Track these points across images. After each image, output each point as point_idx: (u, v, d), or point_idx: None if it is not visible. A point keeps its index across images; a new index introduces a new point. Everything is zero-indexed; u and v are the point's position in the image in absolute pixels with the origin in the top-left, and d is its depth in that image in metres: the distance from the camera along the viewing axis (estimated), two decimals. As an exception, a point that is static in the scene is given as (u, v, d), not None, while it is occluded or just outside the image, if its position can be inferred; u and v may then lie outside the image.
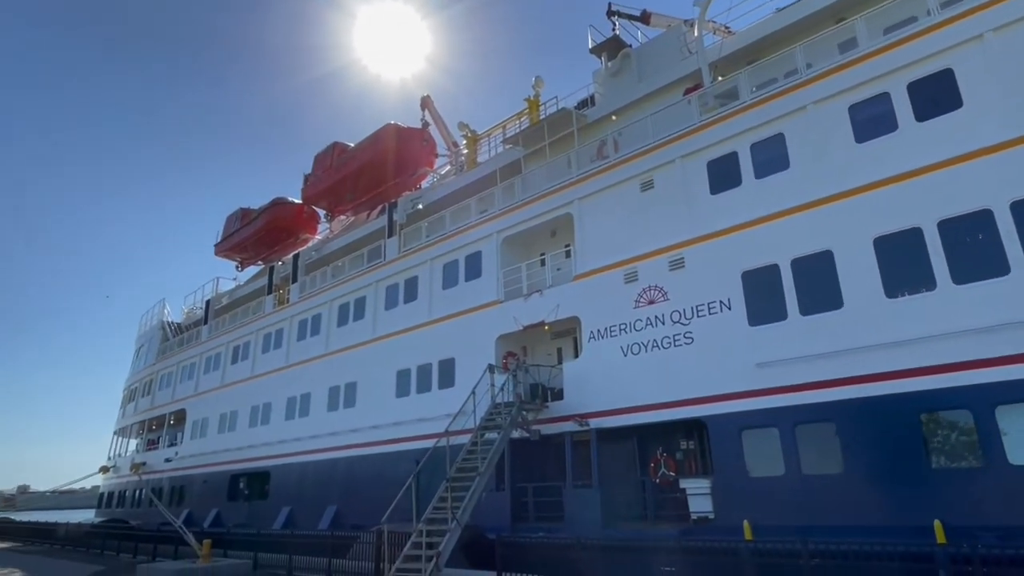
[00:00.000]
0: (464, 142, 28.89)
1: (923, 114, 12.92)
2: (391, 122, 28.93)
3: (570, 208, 18.79)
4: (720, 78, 17.40)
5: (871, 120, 13.58)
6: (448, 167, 30.48)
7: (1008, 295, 11.20)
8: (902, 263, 12.47)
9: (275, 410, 27.62)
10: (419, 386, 21.36)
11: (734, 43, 18.34)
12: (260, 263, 36.66)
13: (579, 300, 17.69)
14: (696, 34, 18.36)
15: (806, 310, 13.50)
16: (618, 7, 22.88)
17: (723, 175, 15.63)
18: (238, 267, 38.44)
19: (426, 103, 31.21)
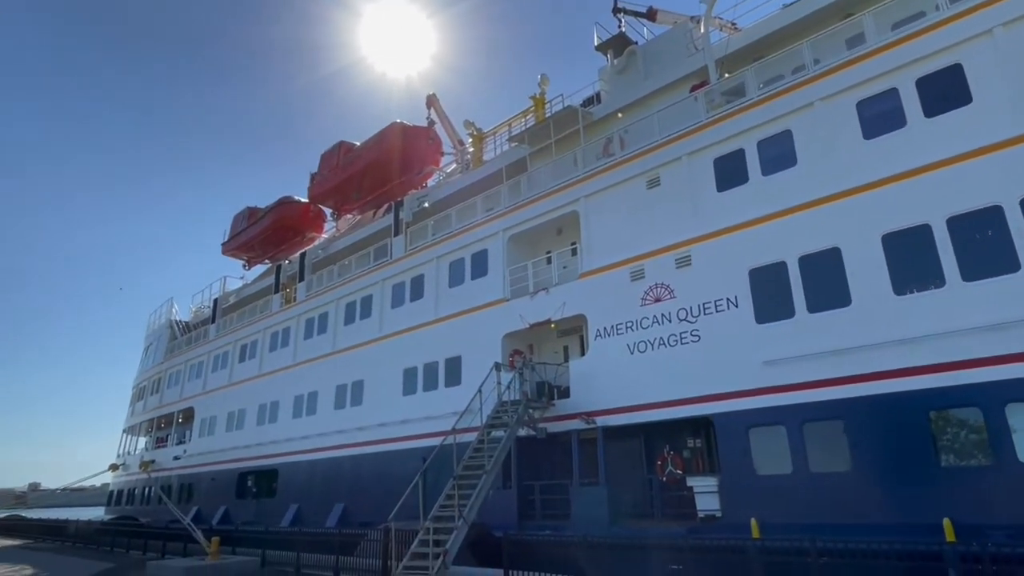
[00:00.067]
0: (470, 140, 28.90)
1: (932, 110, 12.82)
2: (397, 120, 28.96)
3: (576, 206, 18.76)
4: (727, 75, 17.32)
5: (879, 116, 13.49)
6: (454, 165, 30.49)
7: (1018, 292, 11.11)
8: (911, 260, 12.39)
9: (282, 408, 27.74)
10: (426, 384, 21.41)
11: (741, 39, 18.26)
12: (267, 262, 36.80)
13: (585, 298, 17.67)
14: (702, 31, 18.30)
15: (814, 308, 13.44)
16: (624, 4, 22.78)
17: (730, 172, 15.57)
18: (245, 266, 38.60)
19: (432, 101, 31.20)
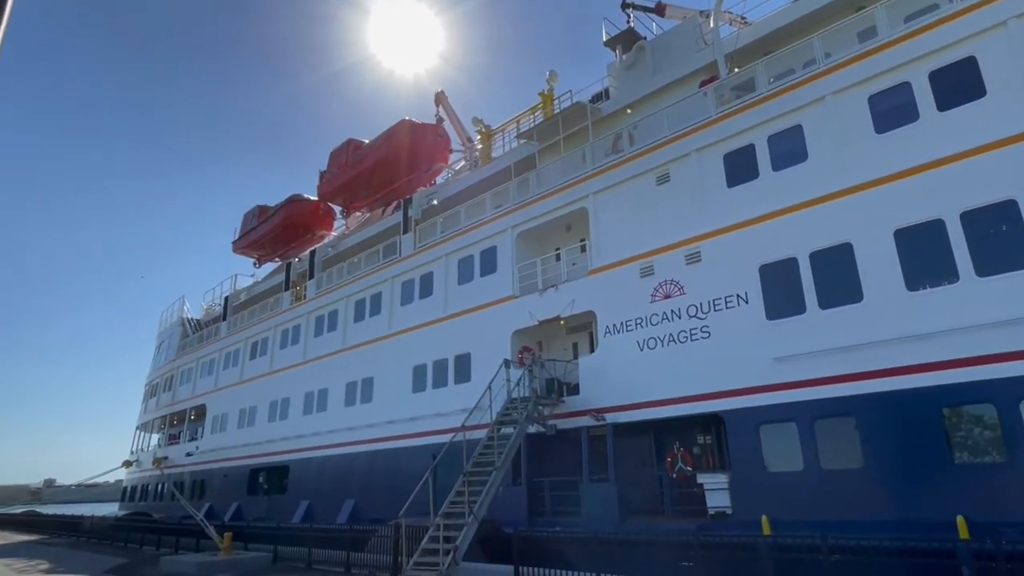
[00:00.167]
0: (478, 137, 28.92)
1: (945, 103, 12.69)
2: (406, 118, 28.99)
3: (585, 202, 18.72)
4: (736, 69, 17.22)
5: (891, 110, 13.36)
6: (463, 163, 30.50)
7: (1033, 287, 10.99)
8: (923, 255, 12.28)
9: (293, 405, 27.91)
10: (435, 381, 21.46)
11: (750, 34, 18.14)
12: (277, 260, 37.00)
13: (595, 295, 17.64)
14: (712, 25, 18.17)
15: (825, 304, 13.35)
16: (632, -1, 22.70)
17: (740, 168, 15.48)
18: (256, 264, 38.82)
19: (440, 99, 31.21)
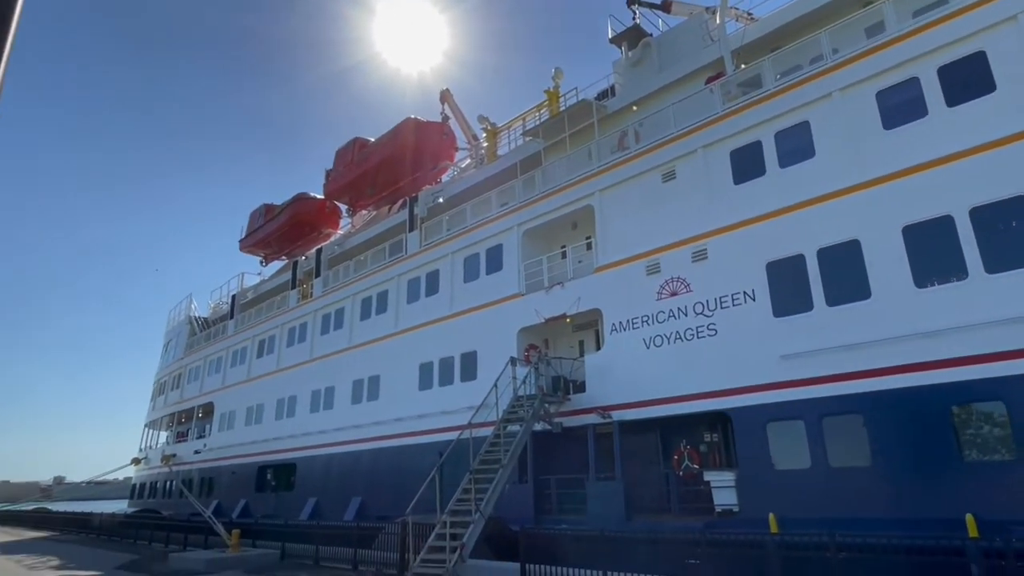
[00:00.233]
0: (484, 135, 28.90)
1: (954, 99, 12.59)
2: (411, 116, 29.01)
3: (591, 200, 18.68)
4: (743, 66, 17.12)
5: (900, 106, 13.27)
6: (468, 160, 30.51)
7: (1044, 284, 10.90)
8: (932, 252, 12.20)
9: (300, 403, 28.01)
10: (441, 379, 21.48)
11: (757, 30, 18.04)
12: (284, 258, 37.15)
13: (601, 292, 17.61)
14: (718, 21, 18.12)
15: (833, 301, 13.29)
16: (638, -5, 22.60)
17: (747, 164, 15.41)
18: (262, 262, 38.98)
19: (445, 97, 31.21)
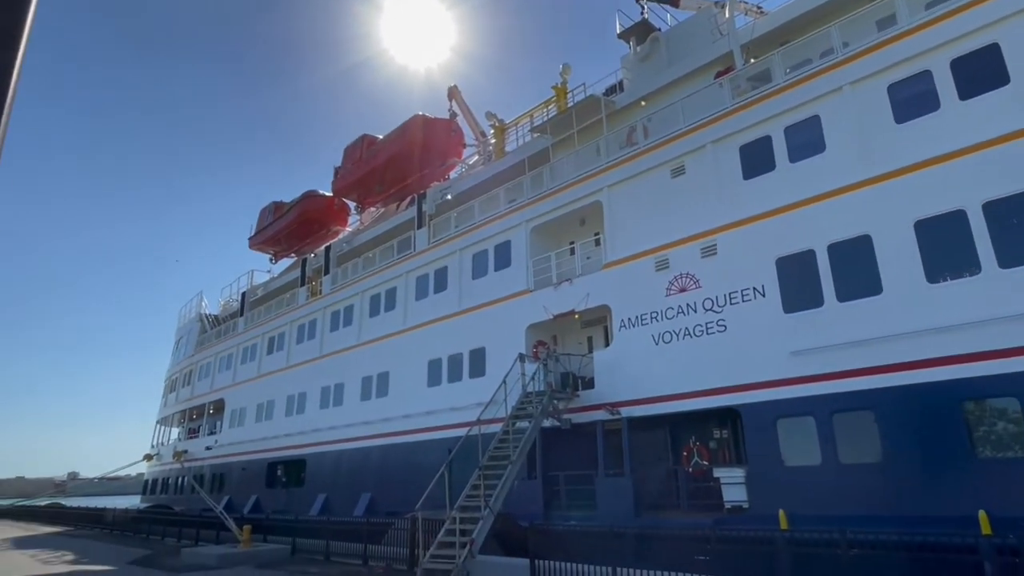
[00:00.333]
0: (492, 132, 28.87)
1: (967, 92, 12.45)
2: (419, 113, 29.02)
3: (599, 196, 18.63)
4: (752, 60, 17.02)
5: (911, 99, 13.14)
6: (476, 157, 30.49)
7: (1058, 279, 10.78)
8: (944, 247, 12.09)
9: (310, 399, 28.16)
10: (450, 376, 21.53)
11: (766, 24, 17.91)
12: (293, 255, 37.29)
13: (609, 289, 17.57)
14: (727, 15, 17.98)
15: (843, 296, 13.20)
16: (647, -10, 22.47)
17: (756, 159, 15.31)
18: (272, 260, 39.16)
19: (453, 93, 31.20)
